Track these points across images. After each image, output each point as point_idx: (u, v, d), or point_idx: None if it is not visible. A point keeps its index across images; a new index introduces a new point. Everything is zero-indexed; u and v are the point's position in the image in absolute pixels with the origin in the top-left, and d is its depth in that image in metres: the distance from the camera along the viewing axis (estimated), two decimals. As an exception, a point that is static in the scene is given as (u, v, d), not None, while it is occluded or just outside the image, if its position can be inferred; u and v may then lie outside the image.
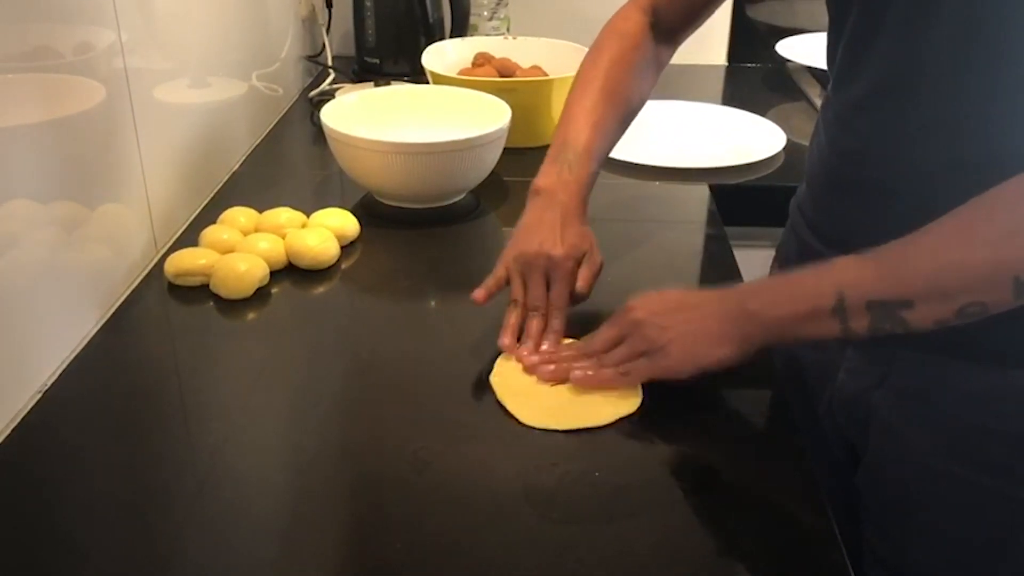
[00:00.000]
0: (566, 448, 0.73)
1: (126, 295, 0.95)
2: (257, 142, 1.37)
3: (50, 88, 0.83)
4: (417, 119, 1.21)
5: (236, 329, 0.92)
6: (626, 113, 0.95)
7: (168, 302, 0.95)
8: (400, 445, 0.73)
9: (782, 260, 0.94)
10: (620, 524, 0.66)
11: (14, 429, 0.76)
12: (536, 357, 0.81)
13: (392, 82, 1.48)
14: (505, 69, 1.40)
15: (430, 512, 0.67)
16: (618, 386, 0.77)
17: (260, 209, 1.06)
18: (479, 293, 0.86)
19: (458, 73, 1.38)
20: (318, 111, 1.17)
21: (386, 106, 1.23)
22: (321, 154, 1.31)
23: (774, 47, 1.70)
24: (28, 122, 0.79)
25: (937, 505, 0.78)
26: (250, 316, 0.93)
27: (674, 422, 0.77)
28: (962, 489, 0.76)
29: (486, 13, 1.67)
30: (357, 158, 1.11)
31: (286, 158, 1.38)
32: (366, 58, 1.60)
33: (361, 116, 1.17)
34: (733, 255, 1.05)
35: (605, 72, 0.93)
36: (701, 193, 1.22)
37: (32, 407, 0.78)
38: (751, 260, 1.09)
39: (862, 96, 0.76)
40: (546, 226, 0.86)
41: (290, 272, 0.99)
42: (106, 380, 0.84)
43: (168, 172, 1.07)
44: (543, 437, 0.75)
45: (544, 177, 0.89)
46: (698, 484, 0.71)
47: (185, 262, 0.95)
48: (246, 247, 0.98)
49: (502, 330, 0.83)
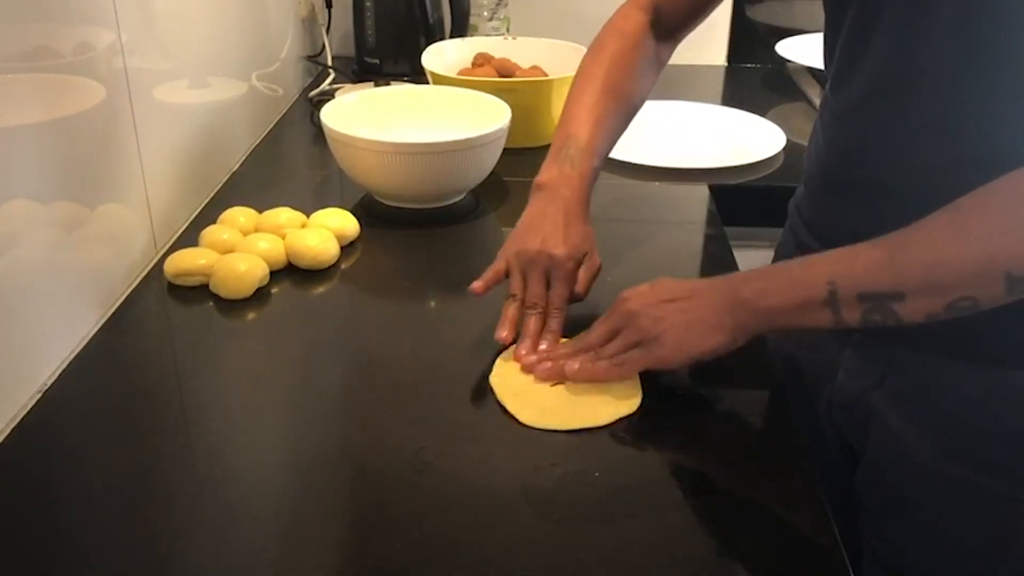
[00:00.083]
0: (566, 448, 0.73)
1: (126, 295, 0.95)
2: (257, 142, 1.37)
3: (50, 88, 0.83)
4: (417, 119, 1.21)
5: (236, 329, 0.92)
6: (627, 110, 0.95)
7: (168, 302, 0.95)
8: (400, 445, 0.73)
9: (780, 260, 0.94)
10: (620, 524, 0.66)
11: (14, 429, 0.76)
12: (534, 356, 0.81)
13: (392, 82, 1.48)
14: (505, 69, 1.40)
15: (430, 512, 0.67)
16: (613, 378, 0.77)
17: (260, 209, 1.06)
18: (477, 285, 0.85)
19: (458, 73, 1.38)
20: (318, 111, 1.17)
21: (386, 106, 1.23)
22: (321, 154, 1.31)
23: (774, 47, 1.70)
24: (28, 122, 0.79)
25: (936, 505, 0.78)
26: (250, 316, 0.93)
27: (674, 422, 0.77)
28: (961, 489, 0.76)
29: (486, 13, 1.67)
30: (357, 158, 1.11)
31: (286, 158, 1.38)
32: (366, 58, 1.60)
33: (361, 116, 1.17)
34: (733, 255, 1.05)
35: (606, 70, 0.93)
36: (701, 193, 1.22)
37: (32, 407, 0.78)
38: (751, 260, 1.08)
39: (860, 96, 0.76)
40: (549, 222, 0.86)
41: (290, 272, 0.99)
42: (106, 380, 0.84)
43: (168, 172, 1.07)
44: (543, 437, 0.75)
45: (547, 173, 0.89)
46: (698, 484, 0.71)
47: (185, 262, 0.96)
48: (246, 247, 0.98)
49: (499, 323, 0.83)
